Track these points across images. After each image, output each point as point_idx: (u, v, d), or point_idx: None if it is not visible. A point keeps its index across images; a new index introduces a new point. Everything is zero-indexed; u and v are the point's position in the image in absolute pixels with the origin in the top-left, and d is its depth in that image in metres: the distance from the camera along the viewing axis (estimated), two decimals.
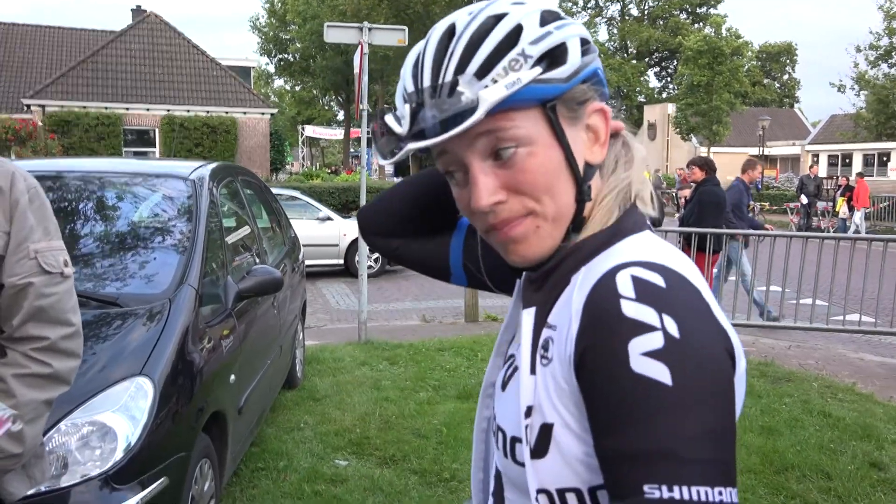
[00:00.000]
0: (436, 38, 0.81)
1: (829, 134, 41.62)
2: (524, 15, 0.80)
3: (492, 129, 0.78)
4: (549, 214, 0.81)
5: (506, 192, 0.80)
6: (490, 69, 0.76)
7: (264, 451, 4.36)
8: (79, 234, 3.61)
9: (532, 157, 0.79)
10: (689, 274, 0.75)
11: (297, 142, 50.85)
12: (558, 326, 0.78)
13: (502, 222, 0.81)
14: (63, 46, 29.46)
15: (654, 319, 0.69)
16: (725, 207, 7.56)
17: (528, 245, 0.82)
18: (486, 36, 0.78)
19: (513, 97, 0.75)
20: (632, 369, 0.68)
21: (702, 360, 0.69)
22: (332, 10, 36.43)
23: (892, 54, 27.36)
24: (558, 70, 0.78)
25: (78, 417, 2.40)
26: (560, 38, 0.79)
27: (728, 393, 0.70)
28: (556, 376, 0.76)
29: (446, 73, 0.77)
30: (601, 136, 0.85)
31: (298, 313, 5.74)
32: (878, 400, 5.59)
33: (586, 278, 0.77)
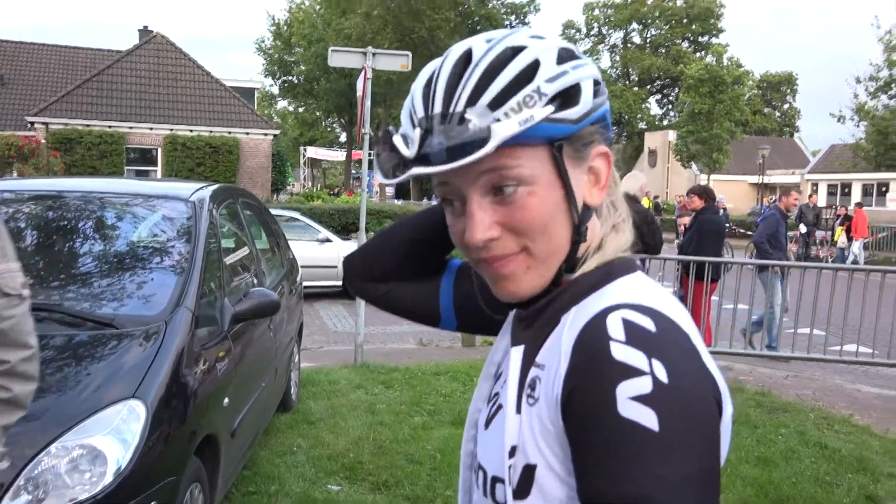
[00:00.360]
0: (451, 62, 0.80)
1: (828, 163, 41.79)
2: (542, 51, 0.79)
3: (497, 167, 0.77)
4: (541, 254, 0.81)
5: (500, 228, 0.80)
6: (504, 102, 0.76)
7: (256, 475, 4.33)
8: (77, 253, 3.63)
9: (532, 196, 0.79)
10: (678, 318, 0.76)
11: (299, 163, 51.06)
12: (546, 366, 0.78)
13: (493, 258, 0.81)
14: (69, 65, 29.68)
15: (644, 363, 0.69)
16: (724, 235, 7.59)
17: (518, 283, 0.82)
18: (503, 68, 0.77)
19: (522, 134, 0.75)
20: (619, 413, 0.67)
21: (689, 406, 0.69)
22: (338, 33, 36.80)
23: (891, 86, 27.54)
24: (570, 111, 0.78)
25: (68, 440, 2.39)
26: (575, 78, 0.79)
27: (714, 440, 0.70)
28: (542, 417, 0.76)
29: (459, 101, 0.77)
30: (602, 179, 0.85)
31: (295, 335, 5.73)
32: (874, 432, 5.56)
33: (576, 318, 0.78)
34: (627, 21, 59.09)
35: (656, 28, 59.02)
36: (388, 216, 17.15)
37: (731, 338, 7.22)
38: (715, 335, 7.49)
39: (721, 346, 7.51)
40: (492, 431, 0.86)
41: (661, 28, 58.34)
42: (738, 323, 7.41)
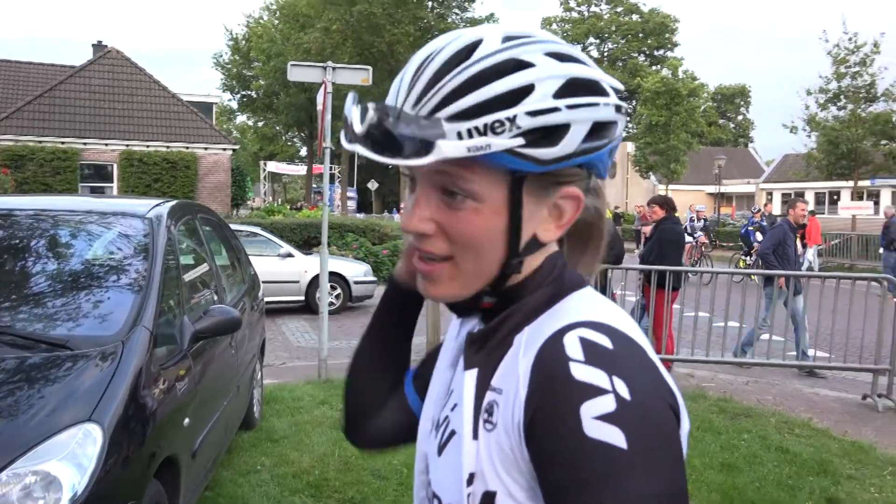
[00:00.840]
0: (452, 49, 0.74)
1: (782, 173, 42.83)
2: (546, 77, 0.73)
3: (451, 173, 0.75)
4: (467, 270, 0.80)
5: (436, 227, 0.79)
6: (472, 117, 0.71)
7: (219, 496, 4.24)
8: (29, 273, 3.52)
9: (477, 214, 0.77)
10: (633, 334, 0.75)
11: (260, 177, 50.62)
12: (504, 391, 0.75)
13: (422, 253, 0.80)
14: (20, 81, 28.99)
15: (605, 382, 0.68)
16: (684, 245, 7.69)
17: (440, 288, 0.82)
18: (492, 81, 0.72)
19: (486, 157, 0.72)
20: (585, 434, 0.66)
21: (654, 421, 0.68)
22: (297, 48, 36.67)
23: (840, 98, 28.30)
24: (543, 150, 0.73)
25: (20, 467, 2.30)
26: (565, 118, 0.73)
27: (680, 452, 0.70)
28: (500, 442, 0.74)
29: (431, 99, 0.73)
30: (564, 219, 0.81)
31: (257, 352, 5.65)
32: (833, 435, 5.67)
33: (531, 340, 0.76)
34: (585, 35, 59.99)
35: (613, 42, 60.03)
36: (349, 230, 17.03)
37: (692, 345, 7.31)
38: (677, 343, 7.58)
39: (683, 353, 7.60)
40: (446, 458, 0.83)
41: (618, 42, 59.37)
42: (699, 331, 7.51)
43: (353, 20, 36.14)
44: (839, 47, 27.61)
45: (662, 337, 7.09)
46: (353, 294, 12.63)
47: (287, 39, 39.53)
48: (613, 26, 58.93)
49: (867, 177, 30.09)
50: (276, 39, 41.07)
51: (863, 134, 27.67)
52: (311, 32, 36.75)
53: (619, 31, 58.75)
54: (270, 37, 42.00)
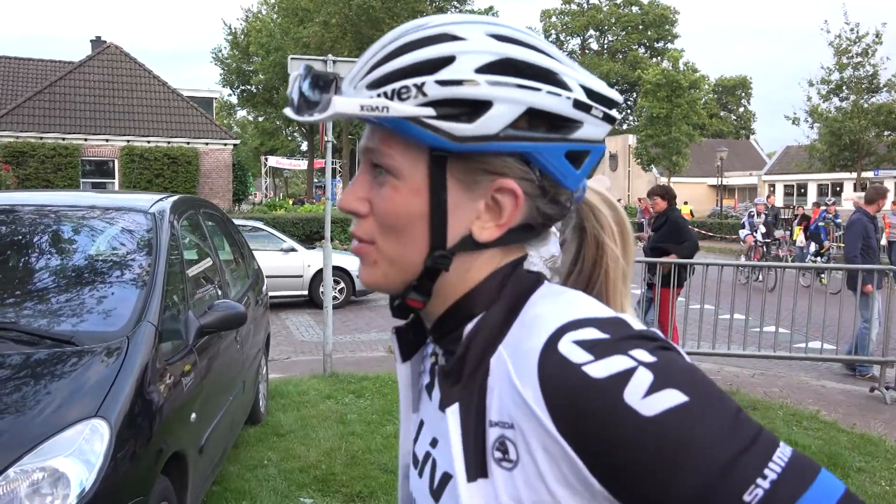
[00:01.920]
0: (396, 30, 0.74)
1: (784, 165, 42.78)
2: (471, 51, 0.69)
3: (373, 148, 0.74)
4: (386, 255, 0.76)
5: (369, 208, 0.76)
6: (383, 84, 0.70)
7: (226, 491, 4.22)
8: (33, 269, 3.50)
9: (395, 191, 0.74)
10: (602, 311, 0.71)
11: (261, 172, 50.59)
12: (515, 424, 0.68)
13: (354, 235, 0.79)
14: (19, 77, 28.96)
15: (626, 361, 0.64)
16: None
17: (366, 271, 0.79)
18: (415, 49, 0.70)
19: (392, 124, 0.70)
20: (645, 417, 0.62)
21: (688, 368, 0.67)
22: (296, 42, 36.55)
23: (842, 89, 28.24)
24: (456, 125, 0.69)
25: (28, 463, 2.28)
26: (486, 94, 0.69)
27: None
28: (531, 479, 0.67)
29: (360, 70, 0.73)
30: (503, 218, 0.74)
31: (262, 347, 5.63)
32: (841, 427, 5.64)
33: (517, 362, 0.69)
34: (584, 28, 59.87)
35: (613, 34, 59.90)
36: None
37: (698, 338, 7.28)
38: (683, 336, 7.55)
39: (689, 346, 7.57)
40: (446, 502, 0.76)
41: (618, 34, 59.24)
42: (704, 323, 7.47)
43: (351, 14, 36.05)
44: (841, 38, 27.57)
45: (668, 329, 7.06)
46: (357, 288, 12.61)
47: (286, 34, 39.41)
48: (613, 18, 58.77)
49: (870, 168, 30.07)
50: (275, 34, 40.95)
51: (865, 125, 27.63)
52: (310, 26, 36.66)
53: (619, 23, 58.60)
54: (269, 31, 41.90)
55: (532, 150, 0.72)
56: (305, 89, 0.74)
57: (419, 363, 0.88)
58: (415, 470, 0.84)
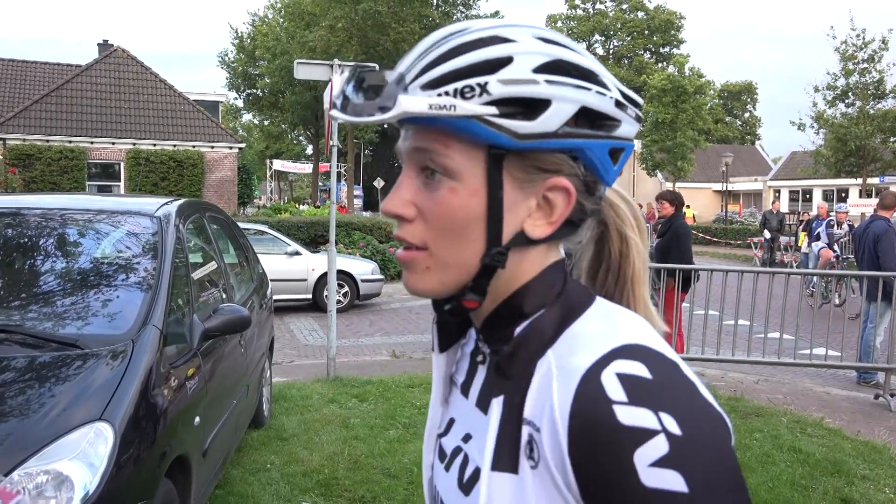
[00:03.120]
0: (440, 32, 0.75)
1: (789, 170, 42.68)
2: (526, 52, 0.71)
3: (427, 148, 0.74)
4: (441, 259, 0.76)
5: (416, 211, 0.76)
6: (443, 84, 0.70)
7: (229, 494, 4.23)
8: (39, 272, 3.51)
9: (452, 193, 0.74)
10: (661, 347, 0.71)
11: (266, 176, 50.67)
12: (542, 429, 0.70)
13: (400, 240, 0.78)
14: (27, 80, 29.09)
15: (653, 421, 0.64)
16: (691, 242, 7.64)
17: (416, 279, 0.78)
18: (471, 50, 0.71)
19: (453, 123, 0.70)
20: (644, 485, 0.63)
21: (709, 452, 0.65)
22: (302, 46, 36.61)
23: (848, 94, 28.16)
24: (519, 123, 0.71)
25: (32, 466, 2.28)
26: (546, 92, 0.71)
27: (740, 477, 0.66)
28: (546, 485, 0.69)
29: (412, 69, 0.72)
30: (554, 216, 0.76)
31: (266, 350, 5.63)
32: (846, 435, 5.62)
33: (562, 372, 0.70)
34: (590, 33, 59.83)
35: (619, 39, 59.86)
36: (356, 228, 17.01)
37: (703, 343, 7.26)
38: (687, 342, 7.53)
39: (693, 351, 7.56)
40: (474, 499, 0.77)
41: (624, 39, 59.20)
42: (708, 329, 7.46)
43: (358, 18, 36.08)
44: (847, 44, 27.48)
45: (673, 335, 7.05)
46: (361, 292, 12.62)
47: (292, 38, 39.46)
48: (619, 23, 58.74)
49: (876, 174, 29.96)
50: (282, 38, 41.00)
51: (871, 131, 27.52)
52: (317, 31, 36.71)
53: (625, 28, 58.56)
54: (275, 35, 41.95)
55: (585, 147, 0.74)
56: (350, 92, 0.73)
57: (454, 357, 0.89)
58: (441, 464, 0.86)
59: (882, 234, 7.32)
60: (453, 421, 0.86)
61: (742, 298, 7.10)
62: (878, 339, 7.12)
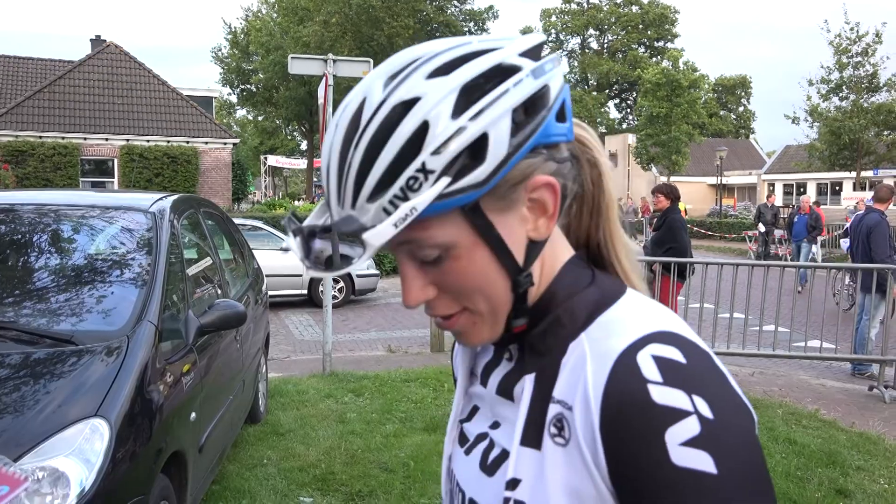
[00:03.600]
0: (342, 131, 0.70)
1: (784, 164, 42.77)
2: (435, 103, 0.67)
3: (409, 240, 0.72)
4: (483, 311, 0.76)
5: (436, 288, 0.75)
6: (385, 189, 0.67)
7: (225, 490, 4.22)
8: (33, 268, 3.50)
9: (457, 260, 0.73)
10: (694, 337, 0.72)
11: (260, 171, 50.56)
12: (574, 408, 0.71)
13: (438, 315, 0.78)
14: (19, 76, 28.94)
15: (686, 403, 0.65)
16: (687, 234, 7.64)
17: (470, 337, 0.79)
18: (387, 139, 0.67)
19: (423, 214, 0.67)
20: (673, 463, 0.64)
21: (739, 439, 0.66)
22: (296, 41, 36.51)
23: (842, 88, 28.22)
24: (472, 175, 0.67)
25: (28, 462, 2.28)
26: (477, 130, 0.67)
27: (765, 467, 0.67)
28: (574, 464, 0.70)
29: (344, 199, 0.69)
30: (549, 209, 0.75)
31: (262, 346, 5.63)
32: (841, 426, 5.64)
33: (596, 353, 0.71)
34: (584, 27, 59.78)
35: (613, 34, 59.80)
36: None
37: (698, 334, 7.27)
38: None
39: None
40: (498, 480, 0.78)
41: (618, 33, 59.14)
42: (704, 322, 7.48)
43: (351, 13, 36.02)
44: (841, 37, 27.53)
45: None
46: (357, 287, 12.62)
47: (286, 33, 39.36)
48: (613, 17, 58.68)
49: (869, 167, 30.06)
50: (275, 33, 40.89)
51: (865, 124, 27.61)
52: (310, 26, 36.63)
53: (619, 22, 58.50)
54: (269, 30, 41.82)
55: (540, 138, 0.72)
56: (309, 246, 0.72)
57: (476, 349, 0.90)
58: (460, 449, 0.87)
59: (874, 226, 7.35)
60: (477, 409, 0.87)
61: (737, 291, 7.12)
62: (874, 331, 7.15)
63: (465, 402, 0.90)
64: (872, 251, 7.29)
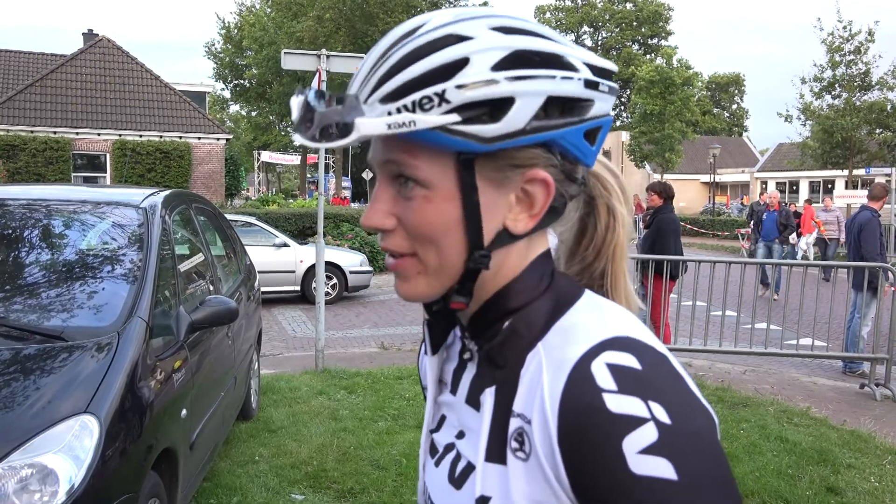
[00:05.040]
0: (394, 34, 0.72)
1: (776, 162, 42.91)
2: (484, 49, 0.68)
3: (396, 160, 0.72)
4: (430, 264, 0.75)
5: (396, 221, 0.75)
6: (400, 97, 0.68)
7: (217, 487, 4.21)
8: (22, 263, 3.47)
9: (427, 202, 0.72)
10: (650, 339, 0.70)
11: (253, 167, 50.40)
12: (532, 421, 0.70)
13: (387, 251, 0.77)
14: (10, 70, 28.75)
15: (642, 409, 0.64)
16: (680, 233, 7.64)
17: (408, 286, 0.77)
18: (425, 57, 0.68)
19: (416, 135, 0.68)
20: (632, 472, 0.62)
21: (699, 442, 0.64)
22: (289, 37, 36.39)
23: (834, 86, 28.27)
24: (484, 127, 0.68)
25: (16, 459, 2.26)
26: (507, 91, 0.68)
27: (728, 468, 0.66)
28: (536, 479, 0.69)
29: (366, 85, 0.70)
30: (535, 209, 0.74)
31: (254, 342, 5.61)
32: (832, 424, 5.66)
33: (551, 363, 0.70)
34: (578, 24, 59.83)
35: (607, 31, 59.89)
36: (345, 219, 16.96)
37: (690, 334, 7.29)
38: (675, 332, 7.56)
39: (681, 342, 7.60)
40: (467, 491, 0.77)
41: (612, 31, 59.24)
42: (696, 319, 7.50)
43: (345, 9, 35.90)
44: (833, 35, 27.57)
45: (660, 326, 7.07)
46: (349, 284, 12.60)
47: (279, 28, 39.21)
48: (607, 15, 58.76)
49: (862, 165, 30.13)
50: (269, 28, 40.73)
51: (857, 122, 27.66)
52: (304, 21, 36.50)
53: (613, 19, 58.58)
54: (263, 25, 41.66)
55: (557, 138, 0.72)
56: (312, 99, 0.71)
57: (443, 356, 0.88)
58: (431, 459, 0.86)
59: (865, 224, 7.39)
60: (444, 418, 0.86)
61: (729, 289, 7.14)
62: (865, 329, 7.18)
63: (435, 410, 0.88)
64: (862, 248, 7.33)
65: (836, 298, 7.11)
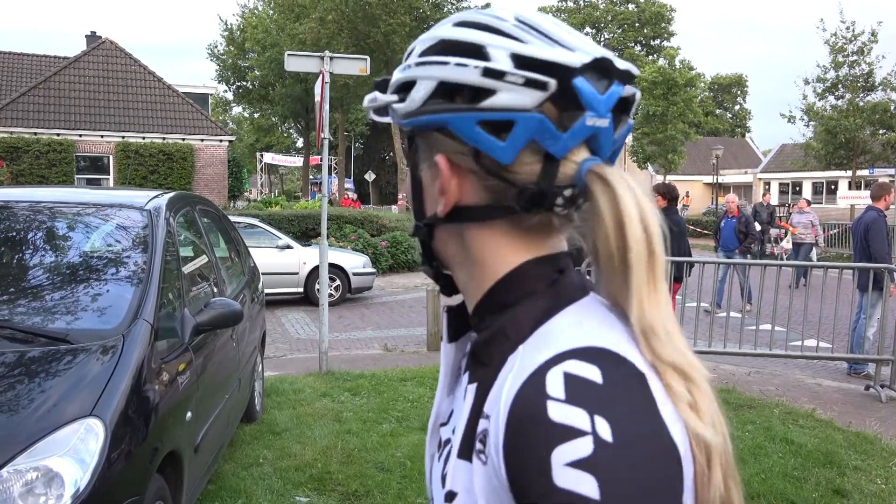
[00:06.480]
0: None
1: (779, 163, 42.83)
2: (424, 38, 0.78)
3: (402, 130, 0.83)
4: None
5: None
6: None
7: (221, 489, 4.20)
8: (27, 266, 3.47)
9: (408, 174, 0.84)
10: (631, 355, 0.67)
11: (256, 169, 50.47)
12: (491, 420, 0.69)
13: None
14: (14, 72, 28.80)
15: (585, 423, 0.60)
16: (686, 234, 7.62)
17: None
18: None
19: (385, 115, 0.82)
20: (555, 483, 0.60)
21: (637, 465, 0.60)
22: (292, 38, 36.39)
23: (838, 87, 28.19)
24: (398, 105, 0.78)
25: (21, 463, 2.25)
26: (413, 74, 0.76)
27: (669, 499, 0.62)
28: (491, 480, 0.67)
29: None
30: (445, 193, 0.76)
31: (258, 344, 5.60)
32: (837, 426, 5.64)
33: (520, 369, 0.68)
34: (581, 25, 59.74)
35: (609, 32, 59.80)
36: (348, 221, 16.96)
37: (695, 335, 7.28)
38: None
39: None
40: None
41: (615, 32, 59.14)
42: (700, 321, 7.47)
43: (348, 10, 35.88)
44: (837, 36, 27.51)
45: None
46: (353, 286, 12.59)
47: (282, 30, 39.21)
48: (609, 16, 58.70)
49: (865, 166, 30.06)
50: (271, 30, 40.76)
51: (861, 123, 27.59)
52: (307, 23, 36.49)
53: (615, 20, 58.52)
54: (265, 27, 41.69)
55: (444, 122, 0.74)
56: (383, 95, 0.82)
57: (464, 348, 0.87)
58: (437, 452, 0.86)
59: (871, 224, 7.36)
60: (453, 412, 0.85)
61: (733, 290, 7.12)
62: (871, 330, 7.15)
63: (448, 403, 0.87)
64: (871, 249, 7.29)
65: (841, 299, 7.09)
